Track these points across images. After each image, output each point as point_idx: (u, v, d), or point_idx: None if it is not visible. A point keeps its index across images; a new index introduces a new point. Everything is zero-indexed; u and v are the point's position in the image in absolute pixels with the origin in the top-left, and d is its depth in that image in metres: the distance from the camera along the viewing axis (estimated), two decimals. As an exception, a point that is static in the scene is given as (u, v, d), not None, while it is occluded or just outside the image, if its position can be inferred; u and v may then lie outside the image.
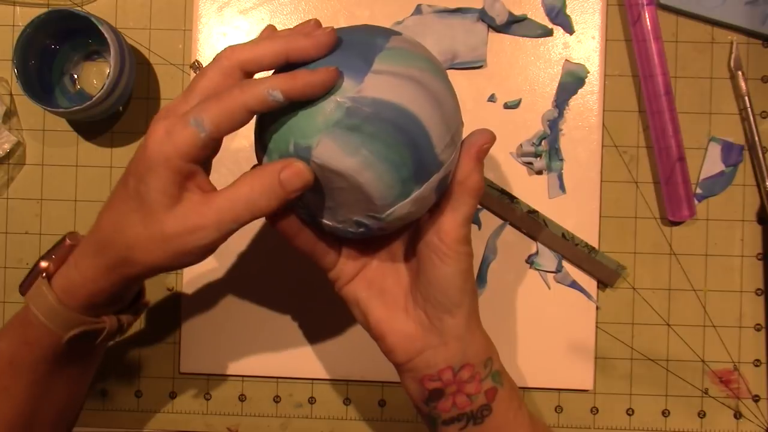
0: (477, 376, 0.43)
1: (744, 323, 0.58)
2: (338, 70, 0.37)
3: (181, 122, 0.37)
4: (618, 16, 0.58)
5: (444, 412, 0.43)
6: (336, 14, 0.58)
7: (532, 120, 0.58)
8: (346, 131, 0.36)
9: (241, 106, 0.37)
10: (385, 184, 0.37)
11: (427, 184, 0.39)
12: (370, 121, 0.36)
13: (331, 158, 0.37)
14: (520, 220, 0.57)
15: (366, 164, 0.37)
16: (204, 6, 0.58)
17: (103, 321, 0.44)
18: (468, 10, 0.58)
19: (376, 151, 0.37)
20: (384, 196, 0.38)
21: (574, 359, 0.58)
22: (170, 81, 0.59)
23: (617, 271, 0.57)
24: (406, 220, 0.40)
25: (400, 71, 0.37)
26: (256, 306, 0.58)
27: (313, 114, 0.37)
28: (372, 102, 0.36)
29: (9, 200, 0.59)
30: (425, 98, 0.38)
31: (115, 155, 0.59)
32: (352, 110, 0.36)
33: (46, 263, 0.43)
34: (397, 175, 0.37)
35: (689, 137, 0.58)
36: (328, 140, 0.36)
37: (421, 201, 0.39)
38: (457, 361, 0.43)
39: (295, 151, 0.37)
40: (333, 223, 0.41)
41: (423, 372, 0.43)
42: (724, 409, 0.59)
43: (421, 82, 0.38)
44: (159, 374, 0.59)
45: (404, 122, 0.37)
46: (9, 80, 0.59)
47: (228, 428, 0.60)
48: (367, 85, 0.37)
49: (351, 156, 0.36)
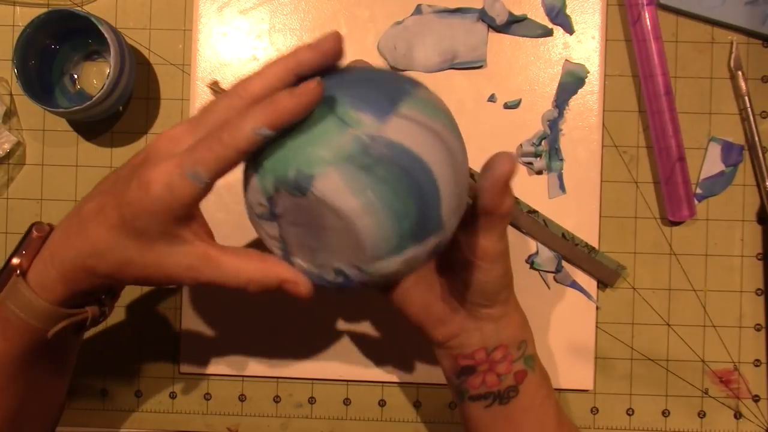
0: (509, 357, 0.44)
1: (744, 323, 0.58)
2: (322, 82, 0.35)
3: (180, 177, 0.36)
4: (618, 16, 0.58)
5: (472, 388, 0.44)
6: (336, 14, 0.58)
7: (532, 120, 0.58)
8: (357, 169, 0.34)
9: (233, 151, 0.36)
10: (382, 233, 0.35)
11: (423, 245, 0.36)
12: (384, 163, 0.34)
13: (333, 193, 0.34)
14: (520, 220, 0.57)
15: (368, 208, 0.34)
16: (204, 6, 0.58)
17: (84, 310, 0.43)
18: (468, 10, 0.58)
19: (383, 197, 0.34)
20: (377, 247, 0.35)
21: (574, 359, 0.58)
22: (170, 81, 0.59)
23: (617, 271, 0.57)
24: (389, 279, 0.38)
25: (424, 122, 0.36)
26: (256, 306, 0.58)
27: (323, 142, 0.34)
28: (390, 145, 0.34)
29: (9, 200, 0.59)
30: (443, 155, 0.36)
31: (115, 155, 0.59)
32: (368, 148, 0.34)
33: (18, 260, 0.42)
34: (397, 226, 0.35)
35: (689, 137, 0.58)
36: (335, 174, 0.34)
37: (411, 262, 0.37)
38: (491, 342, 0.44)
39: (295, 178, 0.34)
40: (308, 265, 0.38)
41: (457, 351, 0.44)
42: (724, 409, 0.59)
43: (441, 137, 0.36)
44: (159, 374, 0.59)
45: (418, 174, 0.35)
46: (9, 80, 0.59)
47: (228, 428, 0.60)
48: (390, 126, 0.34)
49: (355, 196, 0.34)
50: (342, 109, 0.35)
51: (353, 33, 0.58)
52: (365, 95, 0.35)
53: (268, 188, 0.36)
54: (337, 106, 0.35)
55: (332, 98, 0.35)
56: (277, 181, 0.35)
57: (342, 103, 0.35)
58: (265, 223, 0.39)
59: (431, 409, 0.59)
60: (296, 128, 0.35)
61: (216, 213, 0.57)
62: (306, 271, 0.39)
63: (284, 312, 0.58)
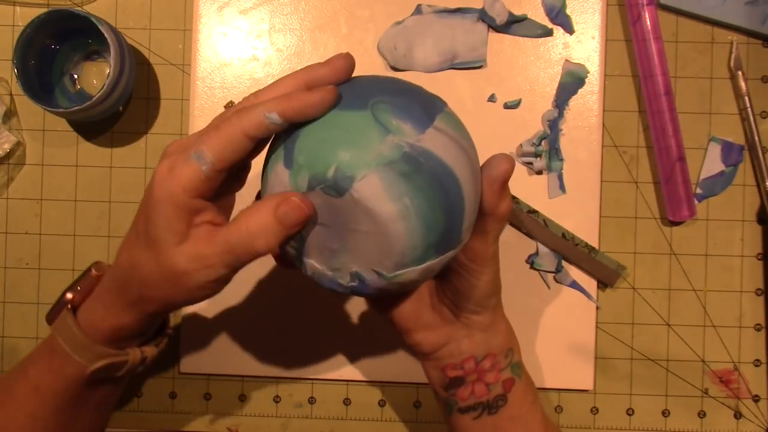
0: (497, 365, 0.44)
1: (744, 323, 0.58)
2: (336, 90, 0.36)
3: (183, 157, 0.36)
4: (618, 16, 0.58)
5: (462, 400, 0.44)
6: (336, 14, 0.58)
7: (532, 120, 0.58)
8: (397, 175, 0.34)
9: (239, 134, 0.36)
10: (411, 241, 0.35)
11: (441, 258, 0.37)
12: (421, 172, 0.35)
13: (371, 196, 0.34)
14: (520, 220, 0.57)
15: (404, 214, 0.35)
16: (204, 6, 0.58)
17: (126, 353, 0.44)
18: (468, 10, 0.58)
19: (417, 205, 0.35)
20: (404, 254, 0.36)
21: (574, 359, 0.58)
22: (170, 81, 0.59)
23: (617, 271, 0.57)
24: (404, 288, 0.38)
25: (455, 137, 0.37)
26: (256, 306, 0.58)
27: (364, 146, 0.35)
28: (428, 155, 0.35)
29: (9, 200, 0.59)
30: (469, 171, 0.37)
31: (115, 155, 0.59)
32: (408, 156, 0.35)
33: (72, 294, 0.44)
34: (426, 236, 0.35)
35: (689, 137, 0.58)
36: (376, 178, 0.34)
37: (428, 273, 0.37)
38: (480, 351, 0.43)
39: (334, 177, 0.35)
40: (322, 267, 0.38)
41: (446, 361, 0.44)
42: (724, 409, 0.59)
43: (468, 154, 0.37)
44: (159, 374, 0.59)
45: (449, 186, 0.35)
46: (9, 80, 0.59)
47: (228, 428, 0.60)
48: (428, 137, 0.35)
49: (393, 201, 0.34)
50: (384, 116, 0.35)
51: (353, 33, 0.58)
52: (406, 105, 0.36)
53: (301, 185, 0.36)
54: (379, 113, 0.35)
55: (375, 104, 0.36)
56: (314, 178, 0.35)
57: (384, 110, 0.36)
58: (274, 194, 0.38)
59: (431, 409, 0.59)
60: (336, 129, 0.35)
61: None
62: (316, 273, 0.39)
63: (285, 312, 0.58)
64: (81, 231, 0.59)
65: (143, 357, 0.45)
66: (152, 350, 0.46)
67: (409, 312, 0.44)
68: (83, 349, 0.42)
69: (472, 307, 0.42)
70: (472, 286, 0.41)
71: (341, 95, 0.36)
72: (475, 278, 0.41)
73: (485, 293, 0.42)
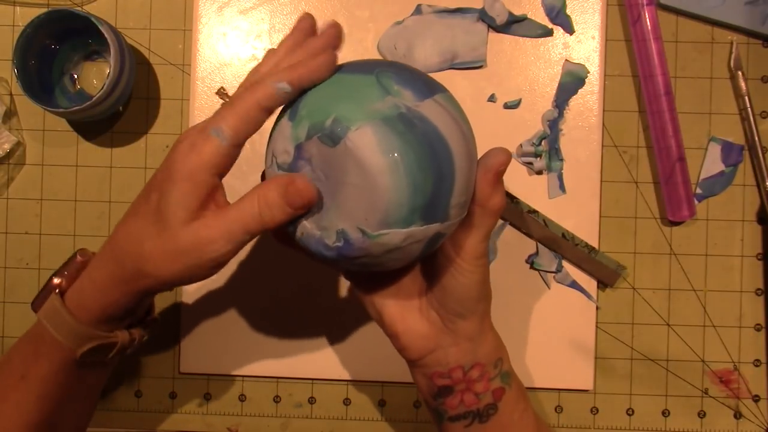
0: (486, 375, 0.43)
1: (744, 323, 0.58)
2: (335, 52, 0.39)
3: (202, 135, 0.38)
4: (618, 16, 0.58)
5: (451, 409, 0.44)
6: (336, 14, 0.58)
7: (532, 120, 0.58)
8: (390, 129, 0.36)
9: (255, 106, 0.38)
10: (397, 198, 0.36)
11: (424, 228, 0.37)
12: (415, 133, 0.36)
13: (364, 147, 0.36)
14: (520, 220, 0.57)
15: (393, 168, 0.36)
16: (204, 6, 0.58)
17: (115, 335, 0.44)
18: (468, 10, 0.58)
19: (407, 162, 0.36)
20: (388, 211, 0.36)
21: (574, 359, 0.58)
22: (170, 81, 0.59)
23: (617, 271, 0.57)
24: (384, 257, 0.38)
25: (454, 115, 0.38)
26: (256, 306, 0.59)
27: (365, 100, 0.37)
28: (424, 120, 0.37)
29: (9, 200, 0.59)
30: (464, 149, 0.38)
31: (115, 155, 0.59)
32: (404, 116, 0.36)
33: (59, 279, 0.44)
34: (412, 196, 0.36)
35: (689, 137, 0.58)
36: (369, 129, 0.36)
37: (411, 241, 0.38)
38: (467, 360, 0.43)
39: (331, 126, 0.36)
40: (312, 226, 0.39)
41: (434, 369, 0.43)
42: (724, 409, 0.59)
43: (464, 134, 0.38)
44: (159, 374, 0.59)
45: (442, 153, 0.37)
46: (9, 80, 0.59)
47: (228, 428, 0.60)
48: (426, 105, 0.37)
49: (383, 154, 0.36)
50: (386, 81, 0.38)
51: (353, 33, 0.58)
52: (409, 77, 0.38)
53: (300, 135, 0.38)
54: (382, 78, 0.38)
55: (380, 72, 0.38)
56: (312, 127, 0.37)
57: (387, 76, 0.38)
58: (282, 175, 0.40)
59: (431, 409, 0.59)
60: (340, 87, 0.38)
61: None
62: (306, 235, 0.39)
63: (285, 312, 0.58)
64: (81, 231, 0.59)
65: (132, 339, 0.45)
66: (140, 333, 0.46)
67: (396, 313, 0.44)
68: (72, 333, 0.42)
69: (459, 309, 0.42)
70: (459, 284, 0.41)
71: (350, 66, 0.39)
72: (463, 276, 0.41)
73: (472, 295, 0.42)
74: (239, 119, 0.38)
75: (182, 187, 0.38)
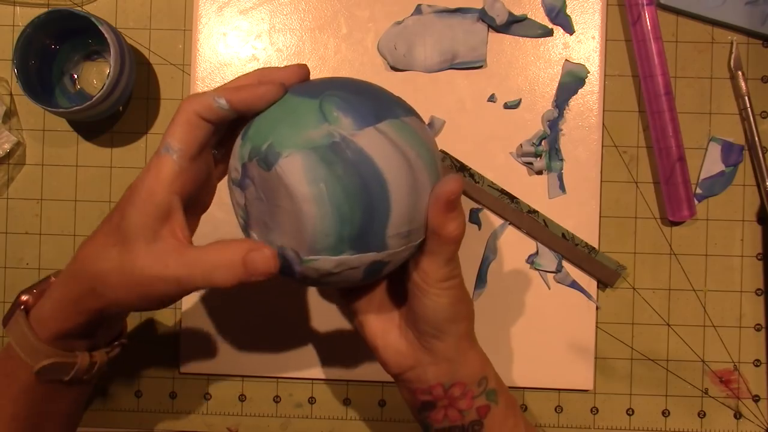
0: (469, 393, 0.43)
1: (744, 323, 0.58)
2: (283, 85, 0.39)
3: (156, 154, 0.39)
4: (618, 16, 0.58)
5: (436, 423, 0.44)
6: (336, 14, 0.58)
7: (532, 120, 0.58)
8: (319, 160, 0.36)
9: (193, 115, 0.38)
10: (323, 228, 0.36)
11: (358, 257, 0.37)
12: (345, 165, 0.36)
13: (292, 175, 0.36)
14: (520, 220, 0.57)
15: (316, 198, 0.36)
16: (204, 6, 0.58)
17: (74, 355, 0.43)
18: (468, 10, 0.58)
19: (332, 194, 0.36)
20: (315, 239, 0.37)
21: (574, 359, 0.58)
22: (170, 81, 0.59)
23: (617, 271, 0.57)
24: (322, 280, 0.39)
25: (400, 145, 0.37)
26: (256, 306, 0.58)
27: (302, 127, 0.37)
28: (357, 151, 0.36)
29: (9, 200, 0.59)
30: (406, 181, 0.37)
31: (115, 155, 0.59)
32: (336, 146, 0.36)
33: (26, 297, 0.44)
34: (338, 227, 0.36)
35: (689, 137, 0.58)
36: (299, 158, 0.36)
37: (345, 268, 0.38)
38: (447, 379, 0.43)
39: (265, 151, 0.37)
40: (262, 241, 0.39)
41: (415, 385, 0.43)
42: (724, 409, 0.59)
43: (411, 164, 0.37)
44: (159, 374, 0.59)
45: (373, 187, 0.36)
46: (9, 80, 0.59)
47: (228, 428, 0.60)
48: (365, 135, 0.37)
49: (309, 184, 0.36)
50: (328, 107, 0.37)
51: (353, 33, 0.58)
52: (356, 102, 0.38)
53: (245, 155, 0.39)
54: (325, 103, 0.38)
55: (326, 96, 0.38)
56: (252, 150, 0.38)
57: (331, 101, 0.38)
58: (236, 190, 0.41)
59: (431, 409, 0.59)
60: (285, 112, 0.38)
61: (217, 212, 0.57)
62: None
63: (284, 312, 0.58)
64: (81, 231, 0.59)
65: (92, 362, 0.45)
66: (102, 356, 0.46)
67: (377, 328, 0.44)
68: (30, 348, 0.42)
69: (431, 330, 0.42)
70: (426, 307, 0.41)
71: (304, 87, 0.40)
72: (429, 299, 0.41)
73: (443, 317, 0.41)
74: (182, 130, 0.38)
75: (140, 208, 0.38)
